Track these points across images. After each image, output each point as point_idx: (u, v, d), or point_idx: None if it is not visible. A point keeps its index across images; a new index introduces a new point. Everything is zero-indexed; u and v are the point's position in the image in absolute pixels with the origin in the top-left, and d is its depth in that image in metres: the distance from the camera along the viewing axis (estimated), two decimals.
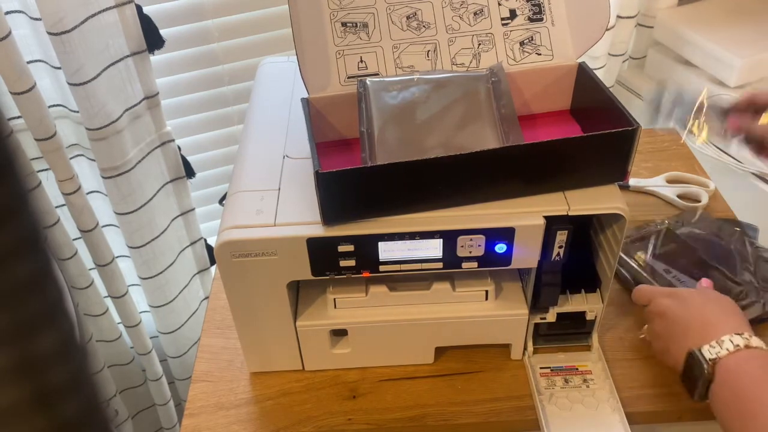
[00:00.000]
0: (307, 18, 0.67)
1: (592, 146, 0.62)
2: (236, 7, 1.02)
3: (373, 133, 0.64)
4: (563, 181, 0.64)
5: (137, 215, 0.96)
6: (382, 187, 0.60)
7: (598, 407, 0.69)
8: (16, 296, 0.18)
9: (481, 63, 0.69)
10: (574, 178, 0.64)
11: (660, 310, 0.67)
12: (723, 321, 0.62)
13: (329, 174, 0.57)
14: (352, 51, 0.68)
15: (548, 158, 0.62)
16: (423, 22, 0.69)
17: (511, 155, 0.61)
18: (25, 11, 0.81)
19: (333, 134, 0.71)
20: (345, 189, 0.60)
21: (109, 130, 0.87)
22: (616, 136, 0.60)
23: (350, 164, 0.59)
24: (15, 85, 0.78)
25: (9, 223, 0.17)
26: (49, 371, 0.19)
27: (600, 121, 0.65)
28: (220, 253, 0.62)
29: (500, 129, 0.65)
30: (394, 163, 0.58)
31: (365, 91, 0.66)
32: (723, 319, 0.62)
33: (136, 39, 0.88)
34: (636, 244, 0.85)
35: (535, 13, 0.69)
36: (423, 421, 0.70)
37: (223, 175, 1.16)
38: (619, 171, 0.63)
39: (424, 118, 0.65)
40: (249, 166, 0.69)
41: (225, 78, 1.07)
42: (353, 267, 0.64)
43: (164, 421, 1.22)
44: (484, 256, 0.64)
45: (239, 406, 0.72)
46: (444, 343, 0.74)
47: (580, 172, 0.63)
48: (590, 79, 0.68)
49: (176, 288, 1.09)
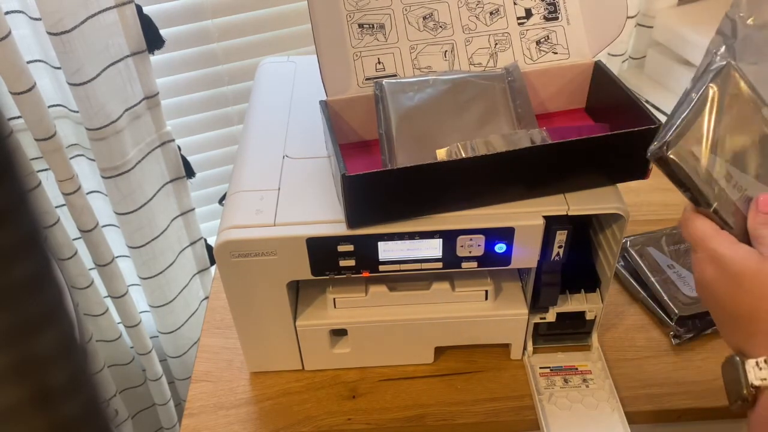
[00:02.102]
0: (325, 20, 0.67)
1: (618, 144, 0.62)
2: (236, 7, 1.02)
3: (391, 135, 0.64)
4: (589, 178, 0.64)
5: (137, 215, 0.96)
6: (408, 189, 0.60)
7: (598, 407, 0.69)
8: (15, 296, 0.18)
9: (498, 62, 0.70)
10: (599, 175, 0.64)
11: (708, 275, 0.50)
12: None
13: (355, 177, 0.57)
14: (370, 52, 0.68)
15: (577, 156, 0.62)
16: (439, 22, 0.69)
17: (542, 154, 0.61)
18: (25, 11, 0.81)
19: (352, 136, 0.71)
20: (371, 192, 0.60)
21: (109, 130, 0.87)
22: (640, 134, 0.60)
23: (370, 166, 0.59)
24: (15, 85, 0.78)
25: (9, 223, 0.17)
26: (49, 371, 0.19)
27: (618, 119, 0.65)
28: (219, 253, 0.62)
29: (518, 128, 0.66)
30: (421, 165, 0.58)
31: (382, 93, 0.66)
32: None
33: (136, 39, 0.88)
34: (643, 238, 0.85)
35: (551, 12, 0.70)
36: (422, 421, 0.70)
37: (223, 175, 1.16)
38: (640, 169, 0.64)
39: (441, 119, 0.65)
40: (249, 166, 0.69)
41: (225, 78, 1.07)
42: (353, 267, 0.64)
43: (164, 421, 1.22)
44: (483, 256, 0.64)
45: (239, 406, 0.72)
46: (443, 343, 0.74)
47: (606, 168, 0.64)
48: (607, 78, 0.69)
49: (176, 288, 1.09)
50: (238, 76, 1.08)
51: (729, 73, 0.54)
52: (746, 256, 0.48)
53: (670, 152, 0.52)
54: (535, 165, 0.61)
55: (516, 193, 0.63)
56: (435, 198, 0.62)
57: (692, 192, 0.52)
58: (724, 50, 0.55)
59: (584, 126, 0.69)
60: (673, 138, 0.53)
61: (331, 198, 0.64)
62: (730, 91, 0.54)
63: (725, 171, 0.53)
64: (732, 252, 0.48)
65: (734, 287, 0.48)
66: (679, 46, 1.11)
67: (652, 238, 0.85)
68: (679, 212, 0.54)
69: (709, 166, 0.52)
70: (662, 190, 0.93)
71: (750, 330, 0.47)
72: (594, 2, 0.70)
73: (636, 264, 0.82)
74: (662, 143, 0.52)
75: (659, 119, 0.61)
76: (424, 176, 0.59)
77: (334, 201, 0.64)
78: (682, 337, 0.76)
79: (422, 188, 0.61)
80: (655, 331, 0.78)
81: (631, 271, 0.83)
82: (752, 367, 0.46)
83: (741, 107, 0.54)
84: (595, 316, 0.73)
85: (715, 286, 0.49)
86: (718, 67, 0.54)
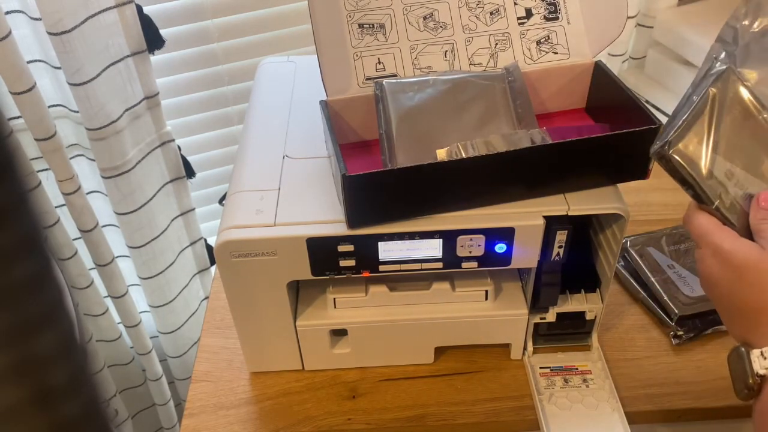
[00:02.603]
0: (326, 20, 0.67)
1: (618, 144, 0.62)
2: (236, 7, 1.02)
3: (391, 135, 0.64)
4: (590, 178, 0.64)
5: (137, 215, 0.96)
6: (408, 189, 0.60)
7: (598, 407, 0.69)
8: (15, 296, 0.18)
9: (499, 62, 0.70)
10: (599, 175, 0.64)
11: (711, 269, 0.51)
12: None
13: (355, 177, 0.57)
14: (370, 52, 0.68)
15: (577, 156, 0.62)
16: (440, 22, 0.69)
17: (542, 154, 0.61)
18: (25, 11, 0.81)
19: (352, 136, 0.71)
20: (371, 192, 0.59)
21: (109, 130, 0.87)
22: (640, 134, 0.60)
23: (370, 166, 0.59)
24: (15, 85, 0.78)
25: (9, 223, 0.17)
26: (49, 371, 0.19)
27: (618, 119, 0.66)
28: (219, 252, 0.62)
29: (518, 128, 0.66)
30: (421, 165, 0.58)
31: (382, 93, 0.66)
32: None
33: (136, 39, 0.88)
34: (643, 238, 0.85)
35: (551, 12, 0.70)
36: (423, 421, 0.70)
37: (223, 175, 1.16)
38: (640, 169, 0.64)
39: (441, 119, 0.65)
40: (249, 166, 0.69)
41: (225, 78, 1.07)
42: (353, 267, 0.64)
43: (164, 421, 1.22)
44: (483, 256, 0.64)
45: (239, 406, 0.72)
46: (444, 343, 0.74)
47: (606, 169, 0.64)
48: (608, 78, 0.69)
49: (176, 288, 1.09)
50: (238, 76, 1.08)
51: (729, 77, 0.55)
52: (748, 250, 0.49)
53: (672, 150, 0.53)
54: (535, 165, 0.61)
55: (516, 193, 0.63)
56: (435, 198, 0.62)
57: (694, 189, 0.53)
58: (725, 56, 0.56)
59: (584, 126, 0.69)
60: (675, 137, 0.54)
61: (331, 198, 0.64)
62: (730, 94, 0.55)
63: (726, 169, 0.54)
64: (734, 246, 0.50)
65: (737, 280, 0.49)
66: (679, 46, 1.11)
67: (652, 238, 0.85)
68: (679, 212, 0.55)
69: (710, 164, 0.54)
70: (662, 190, 0.93)
71: (754, 321, 0.48)
72: (594, 2, 0.70)
73: (636, 264, 0.82)
74: (664, 142, 0.54)
75: (659, 119, 0.61)
76: (424, 176, 0.59)
77: (334, 201, 0.64)
78: (682, 337, 0.76)
79: (422, 188, 0.61)
80: (655, 331, 0.78)
81: (631, 271, 0.83)
82: (757, 356, 0.48)
83: (741, 109, 0.55)
84: (595, 316, 0.73)
85: (718, 279, 0.50)
86: (718, 71, 0.55)
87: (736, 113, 0.55)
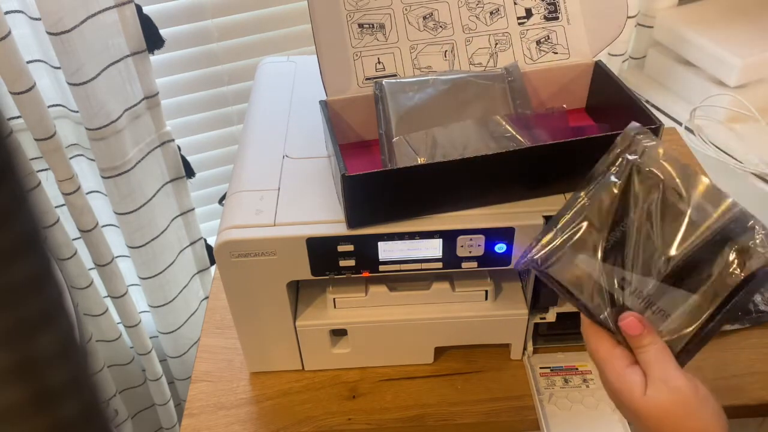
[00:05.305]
0: (325, 20, 0.67)
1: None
2: (236, 7, 1.02)
3: (391, 135, 0.64)
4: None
5: (137, 215, 0.96)
6: (408, 189, 0.60)
7: (598, 407, 0.69)
8: (15, 296, 0.18)
9: (499, 62, 0.70)
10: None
11: (607, 389, 0.52)
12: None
13: (356, 177, 0.57)
14: (370, 52, 0.68)
15: (577, 156, 0.61)
16: (440, 22, 0.69)
17: (538, 154, 0.61)
18: (25, 11, 0.81)
19: (352, 136, 0.71)
20: (371, 192, 0.60)
21: (109, 130, 0.87)
22: None
23: (370, 166, 0.59)
24: (15, 85, 0.78)
25: (9, 223, 0.17)
26: (49, 371, 0.19)
27: (618, 119, 0.65)
28: (219, 253, 0.62)
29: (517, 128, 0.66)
30: (421, 165, 0.58)
31: (382, 92, 0.66)
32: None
33: (136, 39, 0.88)
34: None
35: (551, 11, 0.70)
36: (423, 421, 0.70)
37: (223, 175, 1.16)
38: None
39: (441, 119, 0.65)
40: (249, 166, 0.69)
41: (225, 78, 1.07)
42: (353, 267, 0.64)
43: (164, 421, 1.22)
44: (483, 256, 0.64)
45: (239, 406, 0.72)
46: (444, 343, 0.74)
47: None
48: (608, 78, 0.69)
49: (176, 288, 1.09)
50: (238, 76, 1.08)
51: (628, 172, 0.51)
52: (631, 388, 0.48)
53: (549, 269, 0.50)
54: (535, 165, 0.61)
55: (516, 193, 0.63)
56: (435, 198, 0.62)
57: (577, 304, 0.51)
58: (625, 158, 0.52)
59: (584, 126, 0.69)
60: (551, 250, 0.50)
61: (331, 198, 0.64)
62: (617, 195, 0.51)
63: (619, 277, 0.50)
64: (619, 383, 0.49)
65: (625, 411, 0.50)
66: (679, 46, 1.11)
67: None
68: None
69: (596, 275, 0.50)
70: None
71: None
72: (594, 2, 0.70)
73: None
74: (534, 259, 0.50)
75: (659, 119, 0.60)
76: (424, 176, 0.59)
77: (334, 201, 0.64)
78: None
79: (422, 188, 0.61)
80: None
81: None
82: None
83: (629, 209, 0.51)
84: None
85: (614, 400, 0.51)
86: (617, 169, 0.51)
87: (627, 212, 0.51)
